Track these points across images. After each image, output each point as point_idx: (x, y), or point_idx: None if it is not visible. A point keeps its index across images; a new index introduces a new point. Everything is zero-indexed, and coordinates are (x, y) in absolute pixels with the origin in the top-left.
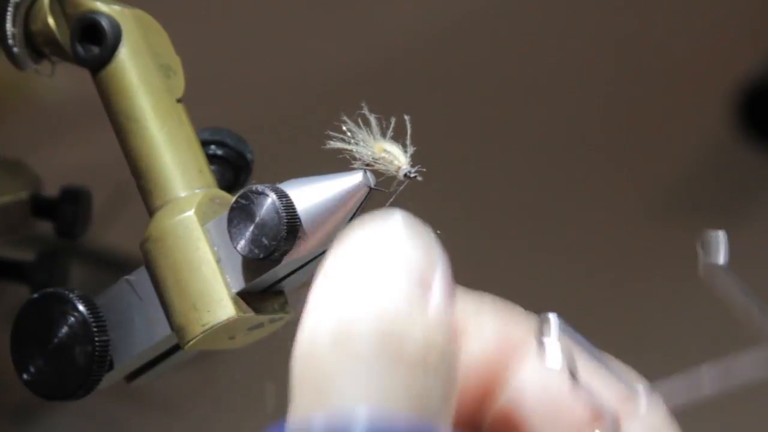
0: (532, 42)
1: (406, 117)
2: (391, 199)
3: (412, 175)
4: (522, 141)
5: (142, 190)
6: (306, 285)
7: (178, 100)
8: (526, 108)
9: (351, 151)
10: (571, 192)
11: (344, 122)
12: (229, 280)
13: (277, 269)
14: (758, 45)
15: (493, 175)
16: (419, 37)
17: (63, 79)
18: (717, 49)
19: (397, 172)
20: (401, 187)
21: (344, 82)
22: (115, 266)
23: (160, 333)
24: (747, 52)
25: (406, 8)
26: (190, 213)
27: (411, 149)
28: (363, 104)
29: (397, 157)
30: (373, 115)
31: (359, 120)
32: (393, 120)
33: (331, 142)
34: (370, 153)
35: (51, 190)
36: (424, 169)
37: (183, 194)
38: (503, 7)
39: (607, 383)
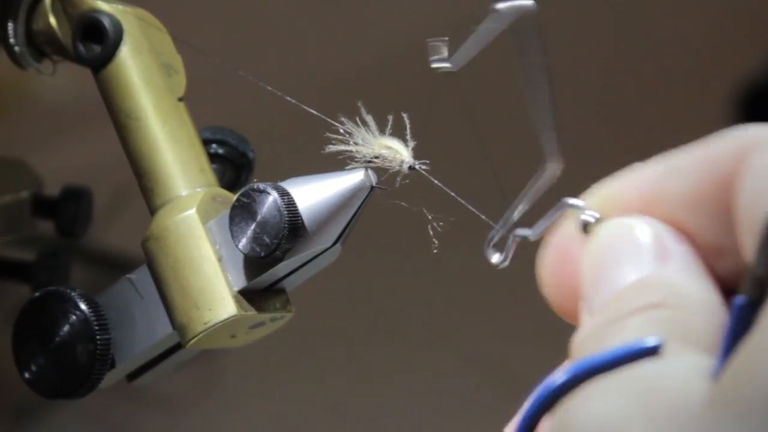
0: None
1: (404, 115)
2: (390, 198)
3: (417, 167)
4: (522, 141)
5: (144, 189)
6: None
7: (180, 99)
8: (526, 108)
9: (352, 152)
10: (571, 192)
11: (343, 123)
12: (230, 278)
13: (278, 268)
14: (758, 45)
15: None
16: (419, 38)
17: (64, 79)
18: (717, 49)
19: (401, 166)
20: (406, 181)
21: (346, 81)
22: (116, 265)
23: (162, 331)
24: (747, 52)
25: (406, 9)
26: (192, 212)
27: (412, 144)
28: (359, 104)
29: (399, 152)
30: (374, 113)
31: (358, 119)
32: (390, 118)
33: (332, 145)
34: (371, 151)
35: (52, 189)
36: (428, 161)
37: (184, 193)
38: None
39: None
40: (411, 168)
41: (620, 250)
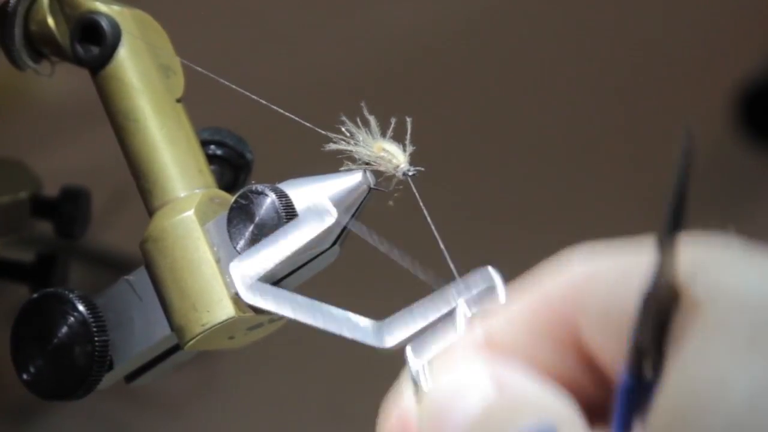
0: (531, 43)
1: (408, 119)
2: (391, 200)
3: (411, 174)
4: (522, 141)
5: (142, 190)
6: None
7: (178, 100)
8: (526, 108)
9: (350, 151)
10: (571, 192)
11: (343, 123)
12: (228, 280)
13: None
14: (758, 45)
15: (493, 175)
16: (420, 38)
17: (62, 80)
18: (717, 49)
19: (395, 171)
20: (401, 186)
21: (344, 82)
22: (115, 266)
23: (160, 333)
24: (747, 52)
25: (406, 9)
26: (190, 213)
27: (410, 149)
28: (362, 104)
29: (395, 156)
30: (373, 115)
31: (358, 120)
32: (393, 120)
33: (331, 144)
34: (369, 153)
35: (51, 190)
36: (422, 168)
37: (182, 194)
38: (502, 10)
39: None
40: (405, 174)
41: (453, 395)
